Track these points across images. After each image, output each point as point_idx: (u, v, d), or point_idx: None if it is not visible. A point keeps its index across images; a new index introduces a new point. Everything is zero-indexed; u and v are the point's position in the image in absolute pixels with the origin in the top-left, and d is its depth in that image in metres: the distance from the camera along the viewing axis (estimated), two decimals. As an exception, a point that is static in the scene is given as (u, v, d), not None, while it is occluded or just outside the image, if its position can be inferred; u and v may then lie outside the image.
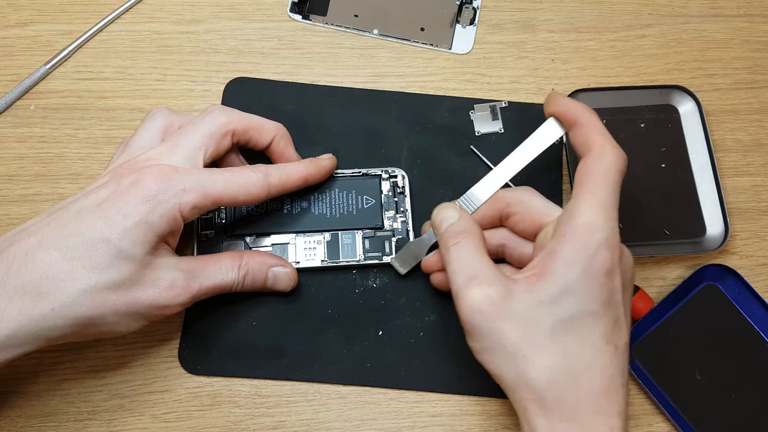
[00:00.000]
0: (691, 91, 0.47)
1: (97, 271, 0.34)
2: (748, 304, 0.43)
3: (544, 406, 0.33)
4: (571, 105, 0.37)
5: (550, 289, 0.33)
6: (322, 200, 0.44)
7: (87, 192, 0.36)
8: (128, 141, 0.39)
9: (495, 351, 0.33)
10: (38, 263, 0.33)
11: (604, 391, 0.33)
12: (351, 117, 0.47)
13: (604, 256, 0.33)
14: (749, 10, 0.51)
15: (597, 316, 0.33)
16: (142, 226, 0.34)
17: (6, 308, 0.33)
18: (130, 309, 0.35)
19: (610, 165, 0.35)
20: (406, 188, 0.44)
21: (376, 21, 0.50)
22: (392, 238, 0.43)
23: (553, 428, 0.33)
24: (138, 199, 0.35)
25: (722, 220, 0.44)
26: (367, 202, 0.44)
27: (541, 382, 0.32)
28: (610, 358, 0.33)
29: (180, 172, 0.36)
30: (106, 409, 0.41)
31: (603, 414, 0.32)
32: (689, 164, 0.46)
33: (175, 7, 0.49)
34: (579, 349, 0.33)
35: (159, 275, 0.36)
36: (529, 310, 0.33)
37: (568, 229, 0.34)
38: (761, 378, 0.42)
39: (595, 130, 0.36)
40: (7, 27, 0.49)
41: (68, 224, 0.34)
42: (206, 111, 0.40)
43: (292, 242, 0.43)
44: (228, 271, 0.39)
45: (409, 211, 0.44)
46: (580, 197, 0.34)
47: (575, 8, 0.50)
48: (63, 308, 0.33)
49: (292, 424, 0.41)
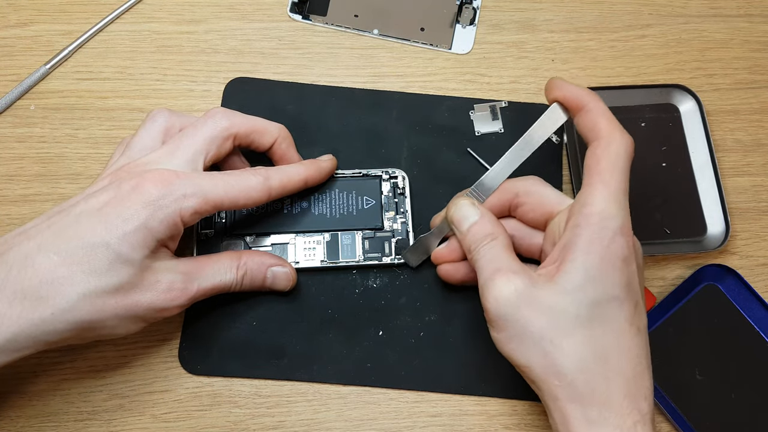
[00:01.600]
0: (692, 90, 0.47)
1: (97, 275, 0.34)
2: (748, 304, 0.43)
3: (576, 393, 0.33)
4: (576, 90, 0.37)
5: (572, 278, 0.33)
6: (322, 200, 0.44)
7: (87, 195, 0.36)
8: (128, 142, 0.39)
9: (522, 339, 0.34)
10: (38, 267, 0.33)
11: (632, 374, 0.33)
12: (351, 117, 0.47)
13: (620, 244, 0.33)
14: (749, 10, 0.51)
15: (620, 301, 0.33)
16: (142, 230, 0.34)
17: (6, 312, 0.33)
18: (129, 312, 0.35)
19: (619, 151, 0.35)
20: (406, 189, 0.44)
21: (376, 21, 0.50)
22: (392, 239, 0.43)
23: (587, 415, 0.33)
24: (138, 204, 0.35)
25: (723, 219, 0.44)
26: (367, 203, 0.44)
27: (570, 368, 0.33)
28: (635, 340, 0.33)
29: (181, 177, 0.36)
30: (106, 409, 0.41)
31: (632, 397, 0.33)
32: (690, 163, 0.46)
33: (175, 7, 0.49)
34: (605, 333, 0.33)
35: (157, 278, 0.36)
36: (553, 298, 0.33)
37: (583, 219, 0.34)
38: (761, 378, 0.42)
39: (601, 115, 0.36)
40: (7, 27, 0.49)
41: (68, 228, 0.34)
42: (208, 113, 0.39)
43: (291, 242, 0.43)
44: (226, 271, 0.39)
45: (409, 212, 0.44)
46: (592, 186, 0.34)
47: (575, 8, 0.50)
48: (63, 312, 0.33)
49: (292, 424, 0.41)
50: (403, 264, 0.43)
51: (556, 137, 0.46)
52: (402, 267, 0.44)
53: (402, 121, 0.47)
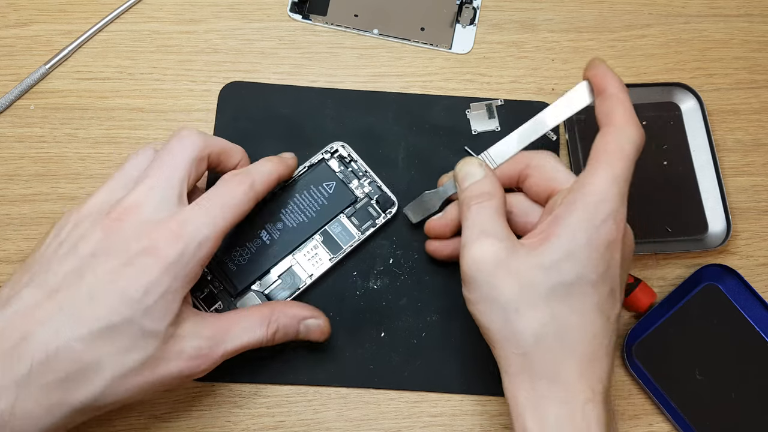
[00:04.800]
0: (693, 89, 0.47)
1: (122, 355, 0.32)
2: (748, 304, 0.43)
3: (528, 363, 0.33)
4: (607, 72, 0.37)
5: (552, 254, 0.33)
6: (292, 211, 0.43)
7: (83, 257, 0.33)
8: (111, 178, 0.37)
9: (490, 303, 0.34)
10: (61, 359, 0.31)
11: (589, 357, 0.33)
12: (348, 119, 0.47)
13: (609, 228, 0.33)
14: (749, 10, 0.51)
15: (594, 285, 0.33)
16: (166, 297, 0.33)
17: (34, 410, 0.31)
18: (156, 385, 0.34)
19: (629, 140, 0.35)
20: (352, 154, 0.44)
21: (376, 21, 0.50)
22: (371, 201, 0.44)
23: (534, 386, 0.33)
24: (157, 270, 0.33)
25: (724, 218, 0.45)
26: (330, 187, 0.44)
27: (528, 337, 0.33)
28: (601, 327, 0.34)
29: (188, 224, 0.34)
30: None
31: (586, 378, 0.33)
32: (691, 161, 0.46)
33: (175, 7, 0.49)
34: (571, 313, 0.33)
35: (183, 346, 0.34)
36: (529, 270, 0.33)
37: (579, 197, 0.34)
38: (761, 378, 0.42)
39: (620, 103, 0.36)
40: (7, 27, 0.48)
41: (83, 308, 0.32)
42: (178, 136, 0.37)
43: (293, 263, 0.43)
44: (255, 329, 0.37)
45: (369, 170, 0.44)
46: (595, 168, 0.34)
47: (575, 8, 0.50)
48: (92, 401, 0.32)
49: (292, 424, 0.41)
50: (399, 216, 0.44)
51: (553, 133, 0.46)
52: (402, 221, 0.44)
53: (399, 121, 0.47)
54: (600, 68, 0.37)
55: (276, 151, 0.45)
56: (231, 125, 0.46)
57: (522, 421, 0.34)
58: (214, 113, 0.47)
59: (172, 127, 0.47)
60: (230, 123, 0.46)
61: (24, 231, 0.45)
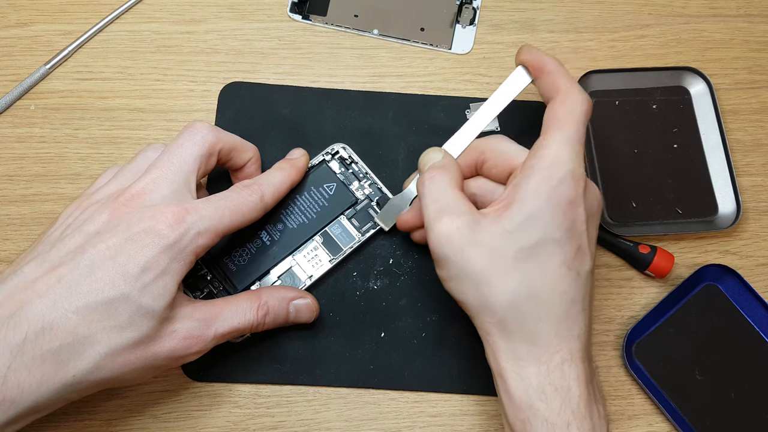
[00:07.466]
0: (703, 73, 0.47)
1: (117, 331, 0.33)
2: (748, 304, 0.43)
3: (505, 329, 0.34)
4: (540, 54, 0.38)
5: (515, 218, 0.34)
6: (292, 212, 0.43)
7: (88, 235, 0.34)
8: (122, 167, 0.38)
9: (461, 279, 0.35)
10: (56, 330, 0.32)
11: (564, 315, 0.34)
12: (348, 119, 0.47)
13: (568, 186, 0.34)
14: (749, 10, 0.51)
15: (559, 243, 0.34)
16: (164, 278, 0.33)
17: (26, 380, 0.31)
18: (147, 364, 0.34)
19: (575, 104, 0.36)
20: (353, 155, 0.44)
21: (376, 21, 0.50)
22: (371, 202, 0.44)
23: (514, 350, 0.34)
24: (156, 249, 0.33)
25: (734, 199, 0.45)
26: (330, 188, 0.44)
27: (501, 305, 0.34)
28: (570, 284, 0.34)
29: (191, 213, 0.35)
30: (106, 409, 0.41)
31: (562, 336, 0.34)
32: (701, 144, 0.47)
33: (175, 7, 0.49)
34: (540, 274, 0.34)
35: (175, 327, 0.35)
36: (495, 239, 0.34)
37: (536, 161, 0.35)
38: (761, 378, 0.42)
39: (561, 75, 0.37)
40: (7, 27, 0.49)
41: (82, 281, 0.33)
42: (190, 129, 0.38)
43: (293, 264, 0.43)
44: (245, 312, 0.38)
45: (370, 172, 0.44)
46: (547, 133, 0.36)
47: (575, 8, 0.50)
48: (85, 375, 0.32)
49: (292, 424, 0.41)
50: None
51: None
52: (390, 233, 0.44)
53: (398, 121, 0.47)
54: (532, 52, 0.39)
55: (276, 151, 0.45)
56: (231, 126, 0.46)
57: (505, 385, 0.34)
58: (214, 113, 0.47)
59: (172, 128, 0.47)
60: (230, 123, 0.46)
61: (24, 231, 0.45)
